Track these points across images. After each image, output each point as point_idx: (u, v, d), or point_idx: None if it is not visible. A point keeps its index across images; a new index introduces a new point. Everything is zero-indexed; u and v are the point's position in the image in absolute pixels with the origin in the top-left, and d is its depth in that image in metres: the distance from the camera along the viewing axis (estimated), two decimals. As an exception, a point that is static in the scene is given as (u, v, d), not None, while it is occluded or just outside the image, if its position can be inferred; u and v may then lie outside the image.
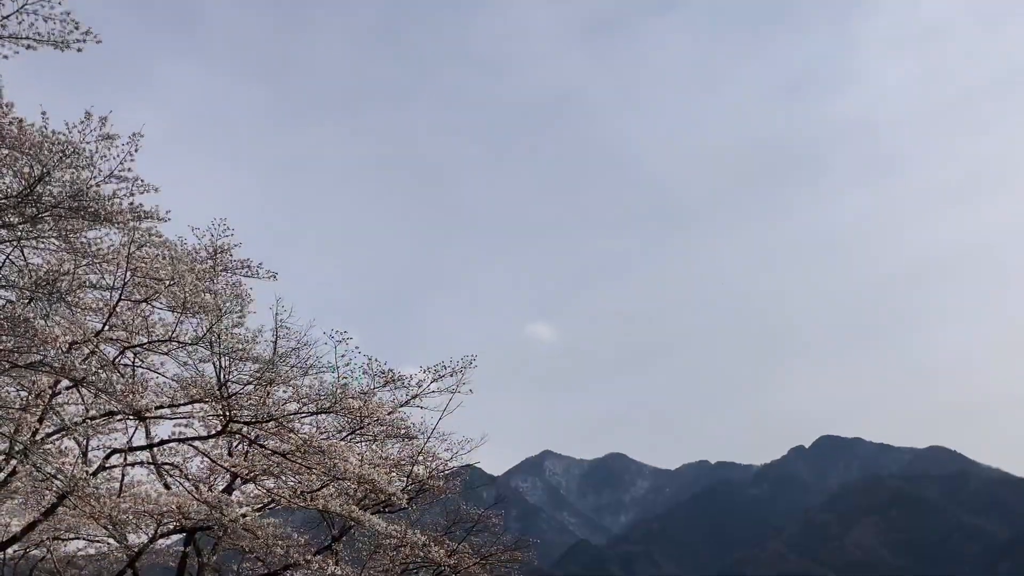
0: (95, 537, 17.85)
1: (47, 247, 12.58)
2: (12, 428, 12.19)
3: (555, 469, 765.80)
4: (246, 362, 14.92)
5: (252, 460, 16.46)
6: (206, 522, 15.22)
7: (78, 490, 12.00)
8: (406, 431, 18.62)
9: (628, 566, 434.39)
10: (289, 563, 16.63)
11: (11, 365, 11.29)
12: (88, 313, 13.19)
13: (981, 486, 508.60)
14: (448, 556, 19.02)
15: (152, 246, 13.01)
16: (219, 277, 15.23)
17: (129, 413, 13.42)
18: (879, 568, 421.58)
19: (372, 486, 15.93)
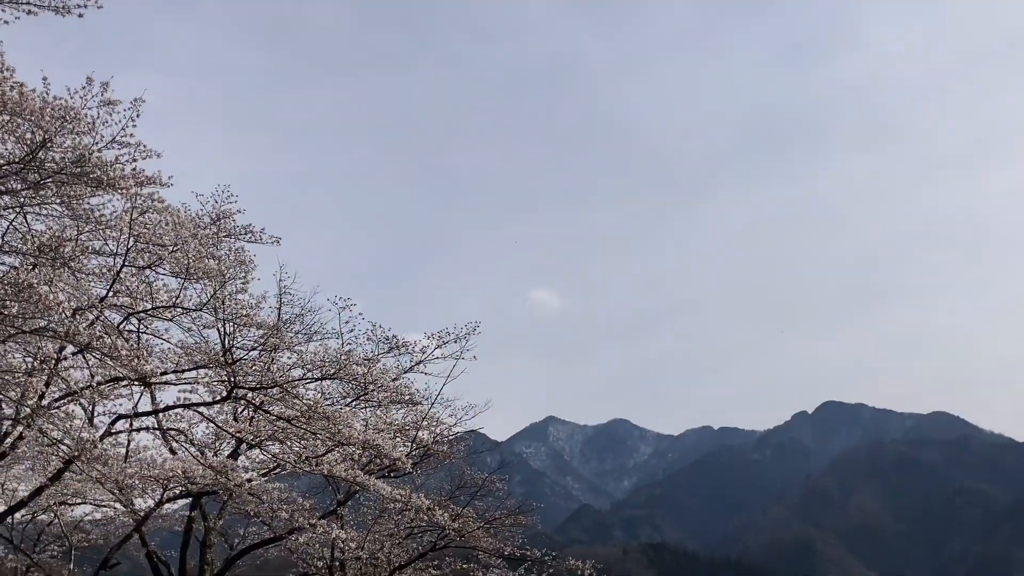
0: (101, 502, 17.97)
1: (50, 213, 12.56)
2: (18, 393, 12.24)
3: (559, 435, 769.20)
4: (250, 328, 14.95)
5: (257, 425, 16.52)
6: (212, 487, 15.30)
7: (85, 454, 12.06)
8: (410, 397, 18.67)
9: (631, 530, 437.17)
10: (294, 527, 16.73)
11: (16, 331, 11.31)
12: (92, 279, 13.20)
13: (983, 451, 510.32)
14: (452, 520, 19.13)
15: (155, 212, 12.99)
16: (222, 243, 15.22)
17: (134, 379, 13.46)
18: (881, 532, 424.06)
19: (376, 451, 16.01)
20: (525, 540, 22.69)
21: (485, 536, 20.90)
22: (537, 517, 24.17)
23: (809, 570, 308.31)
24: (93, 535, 20.06)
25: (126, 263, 13.12)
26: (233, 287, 14.56)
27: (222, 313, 14.57)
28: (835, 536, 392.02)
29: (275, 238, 15.35)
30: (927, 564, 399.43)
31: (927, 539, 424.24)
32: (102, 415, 15.06)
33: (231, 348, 15.17)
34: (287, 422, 15.10)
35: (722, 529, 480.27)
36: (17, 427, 12.51)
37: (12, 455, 13.48)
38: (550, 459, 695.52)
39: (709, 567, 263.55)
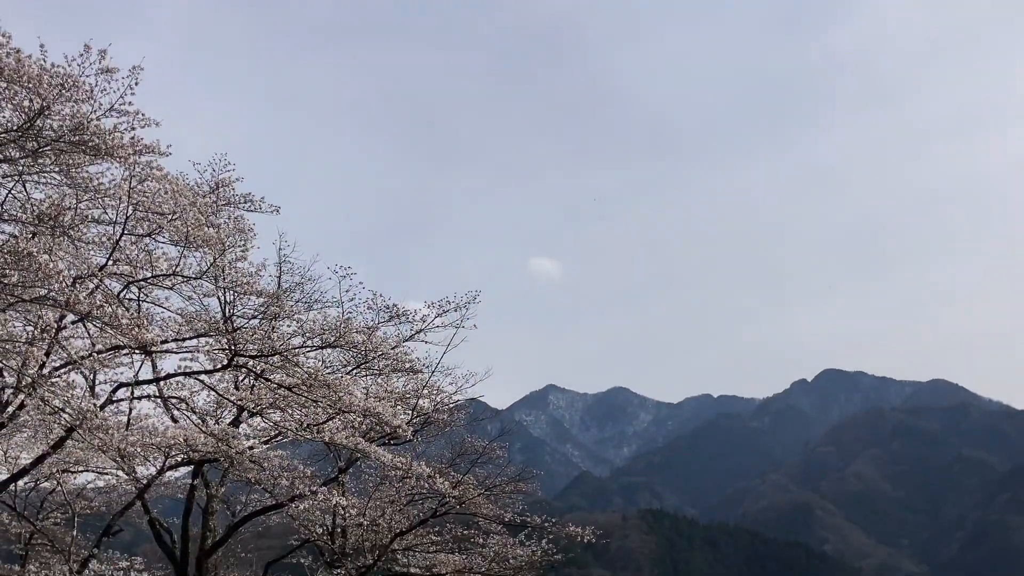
0: (104, 470, 18.05)
1: (49, 182, 12.52)
2: (19, 362, 12.26)
3: (559, 403, 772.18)
4: (250, 296, 14.96)
5: (258, 393, 16.57)
6: (213, 455, 15.37)
7: (86, 422, 12.10)
8: (411, 365, 18.71)
9: (630, 497, 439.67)
10: (296, 494, 16.82)
11: (16, 299, 11.31)
12: (91, 247, 13.18)
13: (982, 419, 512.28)
14: (453, 487, 19.23)
15: (153, 180, 12.95)
16: (221, 211, 15.19)
17: (135, 347, 13.47)
18: (879, 499, 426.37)
19: (377, 419, 16.06)
20: (525, 507, 22.83)
21: (485, 503, 21.02)
22: (537, 484, 24.30)
23: (807, 537, 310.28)
24: (96, 502, 20.16)
25: (125, 231, 13.10)
26: (233, 255, 14.56)
27: (222, 281, 14.58)
28: (833, 503, 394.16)
29: (274, 207, 15.34)
30: (925, 531, 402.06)
31: (925, 506, 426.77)
32: (103, 384, 15.12)
33: (231, 316, 15.20)
34: (288, 390, 15.14)
35: (721, 496, 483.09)
36: (18, 396, 12.54)
37: (14, 424, 13.53)
38: (550, 427, 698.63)
39: (707, 533, 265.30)
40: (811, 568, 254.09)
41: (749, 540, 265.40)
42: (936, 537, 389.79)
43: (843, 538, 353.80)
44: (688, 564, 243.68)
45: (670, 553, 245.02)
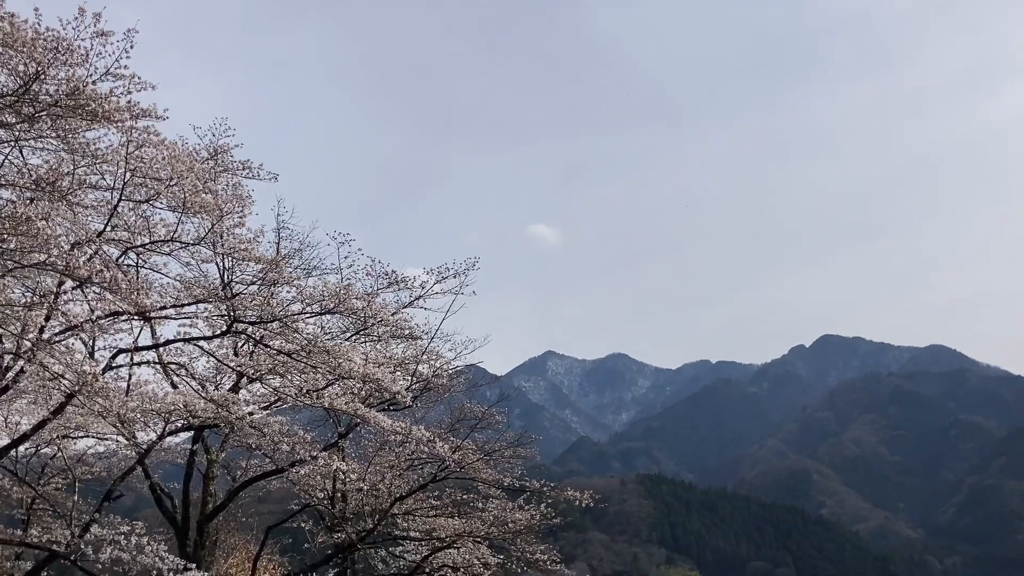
0: (104, 435, 18.10)
1: (46, 147, 12.46)
2: (19, 327, 12.27)
3: (557, 369, 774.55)
4: (249, 262, 14.93)
5: (258, 360, 16.60)
6: (213, 420, 15.42)
7: (86, 388, 12.12)
8: (410, 331, 18.74)
9: (629, 462, 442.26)
10: (296, 459, 16.89)
11: (16, 265, 11.29)
12: (89, 213, 13.15)
13: (979, 384, 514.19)
14: (452, 452, 19.31)
15: (150, 145, 12.89)
16: (219, 178, 15.13)
17: (134, 313, 13.47)
18: (876, 464, 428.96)
19: (377, 385, 16.10)
20: (524, 471, 22.94)
21: (485, 468, 21.13)
22: (536, 449, 24.39)
23: (804, 501, 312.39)
24: (97, 468, 20.25)
25: (123, 197, 13.06)
26: (231, 221, 14.51)
27: (220, 247, 14.54)
28: (830, 468, 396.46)
29: (273, 174, 15.27)
30: (921, 495, 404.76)
31: (922, 470, 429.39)
32: (103, 349, 15.11)
33: (230, 283, 15.18)
34: (287, 356, 15.16)
35: (719, 461, 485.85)
36: (18, 361, 12.56)
37: (14, 389, 13.55)
38: (549, 393, 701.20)
39: (705, 498, 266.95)
40: (808, 532, 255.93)
41: (746, 505, 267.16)
42: (932, 501, 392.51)
43: (840, 502, 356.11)
44: (685, 528, 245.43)
45: (668, 517, 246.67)
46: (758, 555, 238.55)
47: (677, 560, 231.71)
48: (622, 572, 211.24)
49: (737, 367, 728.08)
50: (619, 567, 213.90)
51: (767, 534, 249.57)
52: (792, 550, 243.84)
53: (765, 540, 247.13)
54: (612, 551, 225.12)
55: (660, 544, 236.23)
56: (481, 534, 22.70)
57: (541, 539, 24.78)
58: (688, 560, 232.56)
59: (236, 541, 24.97)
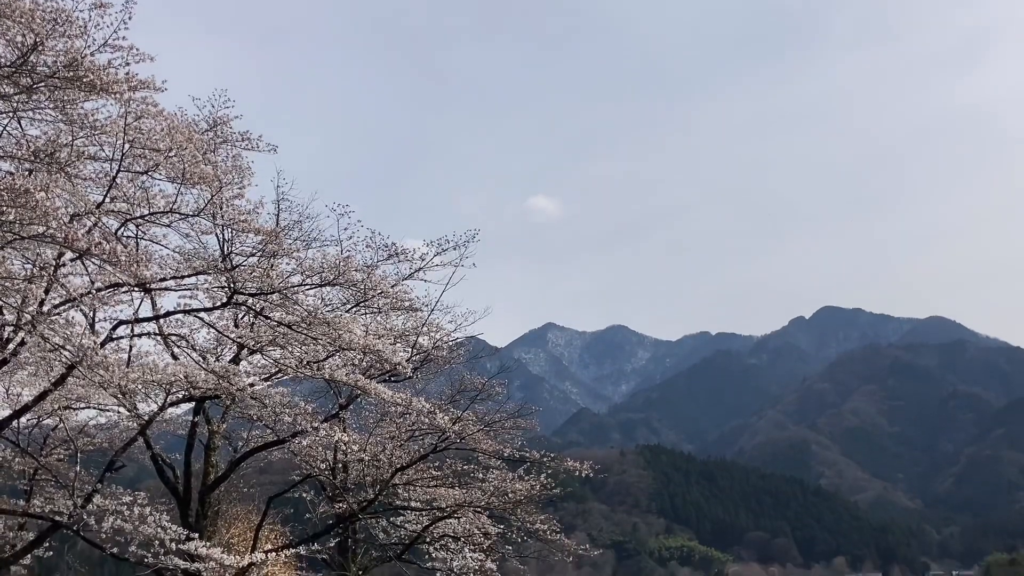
0: (105, 406, 18.15)
1: (44, 118, 12.44)
2: (18, 300, 12.28)
3: (558, 341, 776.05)
4: (248, 234, 14.93)
5: (258, 331, 16.63)
6: (214, 391, 15.46)
7: (87, 359, 12.15)
8: (410, 303, 18.75)
9: (628, 433, 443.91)
10: (297, 430, 16.95)
11: (15, 236, 11.29)
12: (88, 185, 13.13)
13: (978, 355, 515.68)
14: (453, 423, 19.37)
15: (149, 117, 12.85)
16: (219, 149, 15.10)
17: (134, 285, 13.48)
18: (874, 435, 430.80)
19: (377, 356, 16.14)
20: (524, 442, 23.02)
21: (485, 438, 21.21)
22: (536, 420, 24.47)
23: (803, 472, 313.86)
24: (98, 439, 20.31)
25: (122, 168, 13.03)
26: (230, 193, 14.50)
27: (220, 219, 14.54)
28: (830, 439, 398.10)
29: (272, 146, 15.24)
30: (920, 466, 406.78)
31: (920, 441, 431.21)
32: (103, 321, 15.14)
33: (230, 254, 15.19)
34: (288, 328, 15.19)
35: (718, 432, 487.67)
36: (19, 333, 12.58)
37: (15, 361, 13.58)
38: (549, 364, 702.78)
39: (704, 469, 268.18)
40: (806, 502, 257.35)
41: (745, 475, 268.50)
42: (931, 472, 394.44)
43: (839, 473, 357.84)
44: (685, 499, 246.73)
45: (667, 488, 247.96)
46: (757, 525, 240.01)
47: (676, 530, 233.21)
48: (622, 542, 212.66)
49: (737, 339, 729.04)
50: (618, 537, 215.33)
51: (766, 504, 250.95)
52: (790, 520, 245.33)
53: (764, 510, 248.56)
54: (612, 521, 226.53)
55: (659, 514, 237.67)
56: (481, 504, 22.82)
57: (541, 509, 24.92)
58: (687, 530, 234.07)
59: (238, 511, 25.11)
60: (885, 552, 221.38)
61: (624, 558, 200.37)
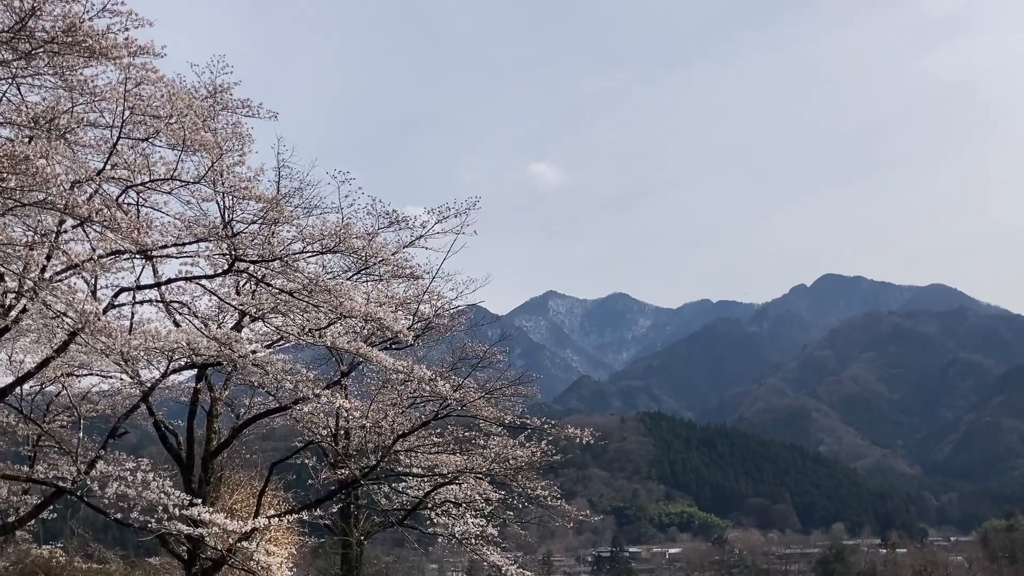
0: (108, 373, 18.21)
1: (44, 84, 12.37)
2: (21, 266, 12.28)
3: (558, 308, 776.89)
4: (249, 201, 14.90)
5: (260, 298, 16.64)
6: (216, 358, 15.49)
7: (89, 327, 12.17)
8: (411, 271, 18.74)
9: (629, 400, 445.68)
10: (299, 397, 17.00)
11: (16, 203, 11.28)
12: (89, 151, 13.09)
13: (979, 322, 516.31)
14: (454, 390, 19.42)
15: (149, 83, 12.79)
16: (219, 116, 15.03)
17: (135, 251, 13.48)
18: (874, 402, 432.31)
19: (378, 324, 16.15)
20: (525, 410, 23.08)
21: (486, 406, 21.26)
22: (537, 388, 24.53)
23: (803, 439, 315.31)
24: (101, 405, 20.38)
25: (122, 135, 12.99)
26: (230, 160, 14.45)
27: (220, 186, 14.50)
28: (829, 406, 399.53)
29: (273, 113, 15.14)
30: (919, 433, 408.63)
31: (920, 409, 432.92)
32: (105, 288, 15.14)
33: (231, 221, 15.16)
34: (289, 295, 15.20)
35: (718, 399, 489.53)
36: (21, 300, 12.59)
37: (17, 328, 13.61)
38: (550, 332, 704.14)
39: (704, 435, 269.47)
40: (806, 469, 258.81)
41: (745, 442, 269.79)
42: (930, 439, 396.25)
43: (838, 440, 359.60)
44: (685, 465, 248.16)
45: (667, 454, 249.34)
46: (756, 491, 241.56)
47: (676, 496, 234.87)
48: (622, 507, 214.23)
49: (738, 306, 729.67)
50: (619, 503, 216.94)
51: (765, 471, 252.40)
52: (790, 486, 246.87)
53: (763, 476, 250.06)
54: (612, 487, 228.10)
55: (659, 480, 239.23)
56: (483, 470, 22.93)
57: (542, 475, 25.04)
58: (687, 496, 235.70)
59: (241, 477, 25.24)
60: (884, 518, 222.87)
61: (624, 524, 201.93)
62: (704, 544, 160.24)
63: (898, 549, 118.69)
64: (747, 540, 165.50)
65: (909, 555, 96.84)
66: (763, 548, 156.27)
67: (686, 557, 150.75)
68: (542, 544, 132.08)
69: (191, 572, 17.43)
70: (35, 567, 17.82)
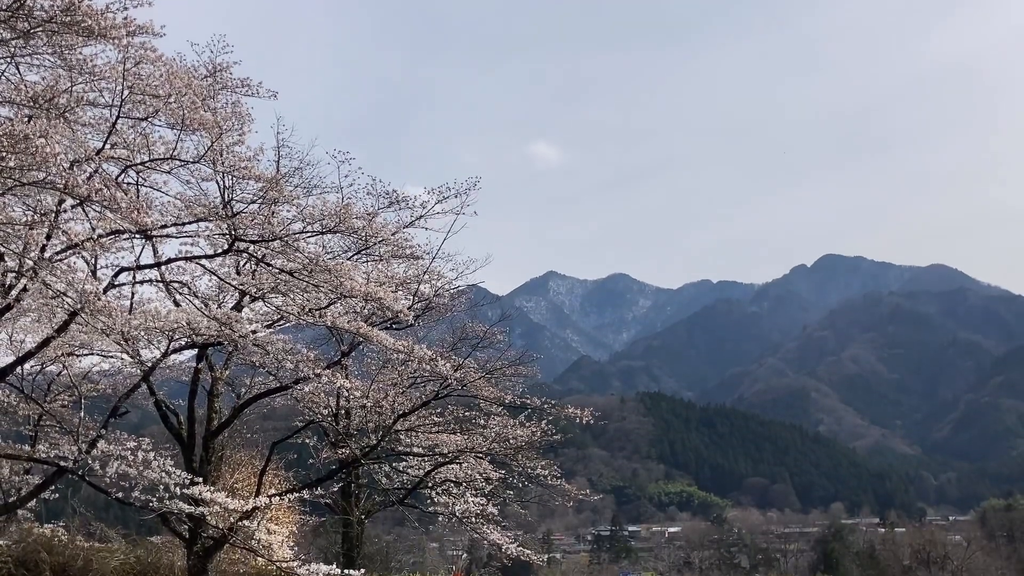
0: (108, 353, 18.21)
1: (42, 64, 12.34)
2: (20, 246, 12.28)
3: (559, 289, 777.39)
4: (249, 181, 14.87)
5: (260, 278, 16.63)
6: (217, 338, 15.50)
7: (89, 306, 12.18)
8: (411, 251, 18.73)
9: (629, 381, 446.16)
10: (300, 377, 17.03)
11: (15, 183, 11.26)
12: (88, 130, 13.05)
13: (978, 303, 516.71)
14: (454, 370, 19.44)
15: (148, 62, 12.74)
16: (219, 95, 14.97)
17: (135, 231, 13.47)
18: (874, 382, 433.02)
19: (379, 304, 16.15)
20: (525, 390, 23.11)
21: (486, 386, 21.28)
22: (537, 368, 24.54)
23: (802, 419, 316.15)
24: (101, 385, 20.42)
25: (121, 114, 12.95)
26: (230, 139, 14.42)
27: (220, 165, 14.47)
28: (829, 386, 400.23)
29: (272, 92, 15.08)
30: (918, 413, 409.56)
31: (919, 388, 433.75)
32: (105, 268, 15.12)
33: (230, 201, 15.14)
34: (289, 275, 15.20)
35: (718, 379, 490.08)
36: (21, 279, 12.60)
37: (17, 307, 13.61)
38: (550, 313, 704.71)
39: (704, 415, 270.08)
40: (805, 448, 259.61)
41: (745, 422, 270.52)
42: (929, 419, 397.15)
43: (837, 420, 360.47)
44: (684, 445, 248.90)
45: (667, 434, 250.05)
46: (756, 471, 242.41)
47: (675, 476, 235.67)
48: (621, 487, 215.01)
49: (738, 287, 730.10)
50: (619, 482, 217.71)
51: (765, 451, 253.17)
52: (789, 466, 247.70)
53: (763, 456, 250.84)
54: (612, 467, 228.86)
55: (659, 460, 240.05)
56: (483, 450, 22.99)
57: (542, 455, 25.11)
58: (686, 476, 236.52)
59: (242, 457, 25.29)
60: (883, 498, 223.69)
61: (624, 503, 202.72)
62: (703, 523, 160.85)
63: (896, 528, 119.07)
64: (746, 519, 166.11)
65: (907, 534, 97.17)
66: (762, 527, 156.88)
67: (685, 536, 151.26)
68: (542, 523, 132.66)
69: (193, 551, 17.50)
70: (37, 546, 17.89)
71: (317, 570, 16.40)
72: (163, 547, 20.35)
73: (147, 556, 19.48)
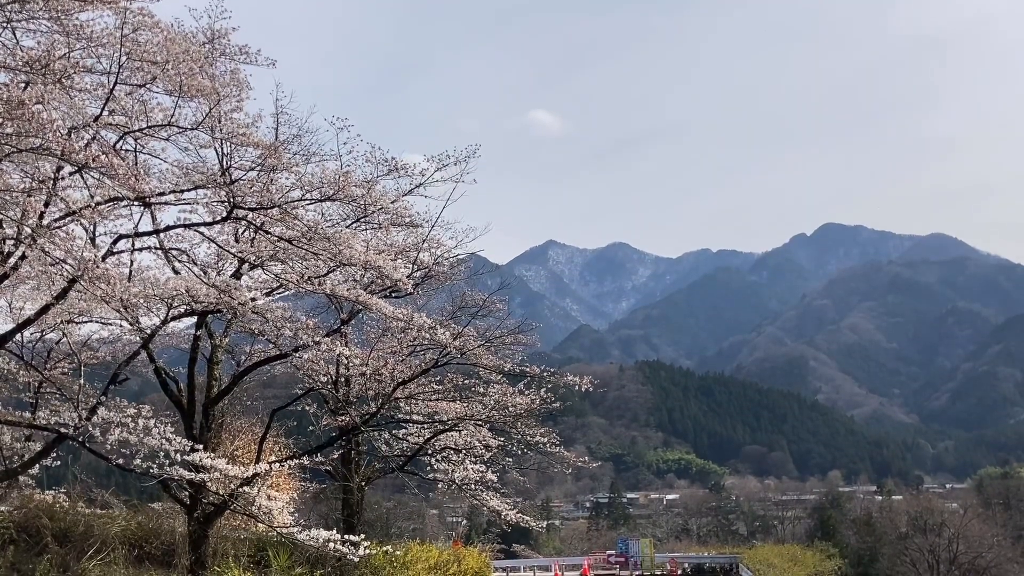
0: (108, 320, 18.20)
1: (39, 29, 12.22)
2: (19, 213, 12.24)
3: (558, 258, 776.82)
4: (247, 148, 14.80)
5: (259, 246, 16.60)
6: (216, 306, 15.50)
7: (87, 273, 12.16)
8: (410, 219, 18.69)
9: (628, 349, 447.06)
10: (299, 344, 17.04)
11: (12, 149, 11.20)
12: (85, 97, 12.96)
13: (978, 272, 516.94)
14: (453, 339, 19.46)
15: (145, 28, 12.63)
16: (217, 62, 14.87)
17: (133, 198, 13.42)
18: (872, 351, 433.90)
19: (378, 272, 16.15)
20: (525, 358, 23.16)
21: (486, 354, 21.32)
22: (536, 336, 24.59)
23: (801, 387, 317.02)
24: (101, 352, 20.40)
25: (119, 81, 12.86)
26: (228, 106, 14.33)
27: (218, 132, 14.39)
28: (828, 354, 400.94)
29: (271, 60, 14.97)
30: (917, 381, 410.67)
31: (917, 357, 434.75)
32: (104, 235, 15.09)
33: (229, 168, 15.07)
34: (288, 243, 15.17)
35: (717, 348, 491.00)
36: (19, 247, 12.57)
37: (16, 275, 13.60)
38: (550, 282, 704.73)
39: (703, 383, 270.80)
40: (803, 416, 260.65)
41: (743, 390, 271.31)
42: (927, 387, 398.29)
43: (836, 388, 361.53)
44: (683, 413, 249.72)
45: (665, 403, 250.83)
46: (754, 439, 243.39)
47: (674, 443, 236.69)
48: (620, 455, 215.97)
49: (738, 255, 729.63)
50: (617, 450, 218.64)
51: (763, 418, 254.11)
52: (787, 434, 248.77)
53: (761, 424, 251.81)
54: (610, 435, 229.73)
55: (657, 428, 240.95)
56: (482, 417, 23.09)
57: (541, 422, 25.23)
58: (685, 444, 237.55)
59: (242, 424, 25.37)
60: (880, 466, 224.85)
61: (623, 470, 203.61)
62: (701, 490, 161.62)
63: (894, 496, 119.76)
64: (744, 487, 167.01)
65: (904, 502, 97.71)
66: (760, 495, 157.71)
67: (683, 503, 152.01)
68: (541, 490, 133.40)
69: (193, 517, 17.59)
70: (38, 512, 17.97)
71: (317, 535, 16.50)
72: (164, 513, 20.44)
73: (148, 522, 19.57)
